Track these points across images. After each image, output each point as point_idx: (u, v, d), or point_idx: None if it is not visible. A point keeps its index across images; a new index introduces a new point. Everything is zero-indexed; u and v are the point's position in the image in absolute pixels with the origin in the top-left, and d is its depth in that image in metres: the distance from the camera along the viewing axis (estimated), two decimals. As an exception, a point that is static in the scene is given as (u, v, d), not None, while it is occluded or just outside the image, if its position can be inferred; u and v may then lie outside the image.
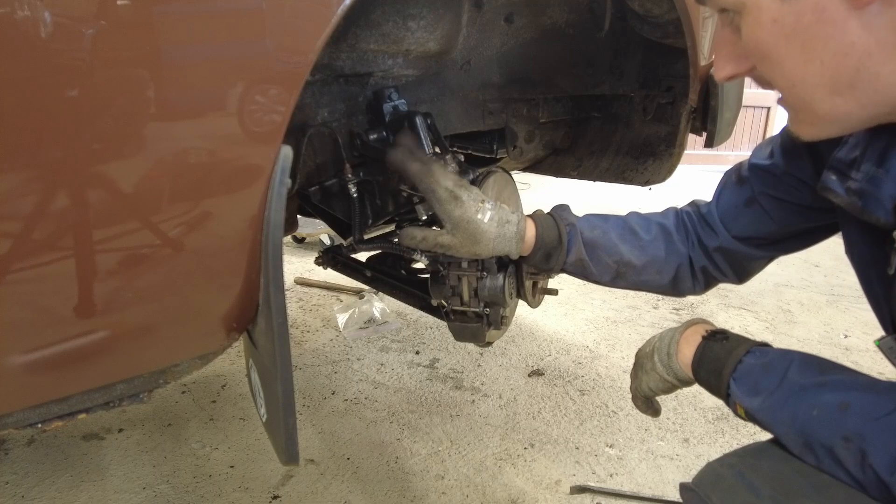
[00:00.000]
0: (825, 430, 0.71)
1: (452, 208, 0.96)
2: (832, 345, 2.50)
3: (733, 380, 0.82)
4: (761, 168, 0.96)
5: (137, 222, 0.68)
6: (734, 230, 1.00)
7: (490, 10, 1.31)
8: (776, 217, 0.95)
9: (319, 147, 1.22)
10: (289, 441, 0.82)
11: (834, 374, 0.77)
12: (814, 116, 0.67)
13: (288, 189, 0.76)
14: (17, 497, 1.53)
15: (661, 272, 1.05)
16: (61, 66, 0.58)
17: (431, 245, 0.99)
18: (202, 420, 1.89)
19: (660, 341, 0.97)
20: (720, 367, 0.85)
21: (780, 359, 0.80)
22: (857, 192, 0.71)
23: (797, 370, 0.77)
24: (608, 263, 1.04)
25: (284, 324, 0.77)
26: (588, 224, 1.05)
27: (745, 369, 0.82)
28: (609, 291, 2.99)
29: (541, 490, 1.61)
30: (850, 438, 0.68)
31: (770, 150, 0.95)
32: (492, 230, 0.97)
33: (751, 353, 0.83)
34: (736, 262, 1.03)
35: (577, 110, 1.67)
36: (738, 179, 1.00)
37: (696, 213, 1.06)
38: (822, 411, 0.72)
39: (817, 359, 0.80)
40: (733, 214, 1.00)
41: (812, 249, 1.00)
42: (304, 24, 0.71)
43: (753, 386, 0.80)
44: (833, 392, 0.73)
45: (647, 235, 1.04)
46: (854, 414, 0.69)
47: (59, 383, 0.75)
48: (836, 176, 0.75)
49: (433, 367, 2.24)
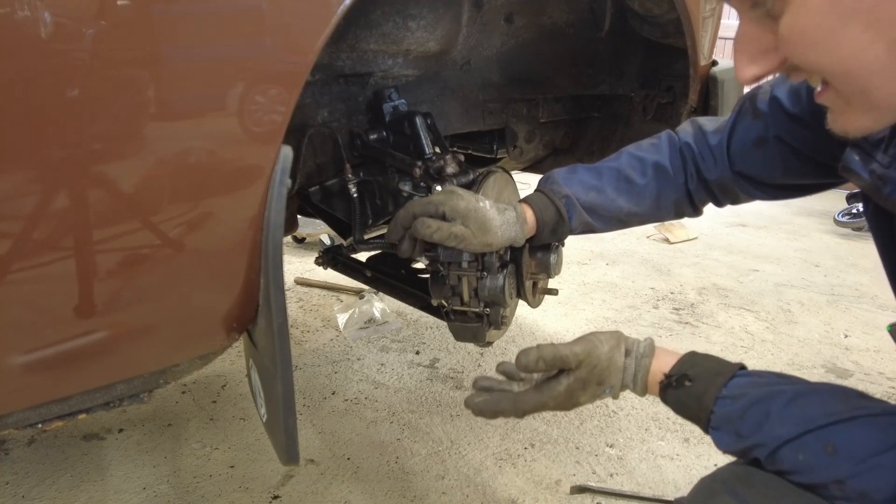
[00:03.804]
0: (814, 473, 0.70)
1: (456, 202, 0.97)
2: (832, 345, 2.50)
3: (713, 429, 0.79)
4: (784, 110, 0.90)
5: (137, 222, 0.68)
6: (738, 166, 0.98)
7: (490, 9, 1.31)
8: (786, 164, 0.92)
9: (319, 147, 1.22)
10: (289, 441, 0.82)
11: (813, 410, 0.73)
12: (870, 105, 0.59)
13: (288, 189, 0.76)
14: (18, 497, 1.53)
15: (660, 210, 1.06)
16: (61, 66, 0.58)
17: (446, 235, 0.96)
18: (202, 420, 1.89)
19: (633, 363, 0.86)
20: (693, 417, 0.81)
21: (756, 406, 0.75)
22: (880, 176, 0.68)
23: (777, 420, 0.73)
24: (610, 217, 1.05)
25: (284, 324, 0.77)
26: (582, 186, 1.04)
27: (721, 419, 0.78)
28: (609, 291, 2.99)
29: (541, 490, 1.61)
30: (843, 481, 0.68)
31: (798, 93, 0.88)
32: (496, 216, 0.98)
33: (720, 401, 0.78)
34: (731, 193, 1.04)
35: (577, 110, 1.67)
36: (754, 112, 0.95)
37: (700, 143, 1.02)
38: (808, 457, 0.70)
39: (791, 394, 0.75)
40: (741, 152, 0.97)
41: (812, 249, 1.01)
42: (304, 24, 0.71)
43: (735, 434, 0.77)
44: (816, 436, 0.70)
45: (643, 179, 1.03)
46: (843, 458, 0.68)
47: (59, 383, 0.75)
48: (858, 156, 0.72)
49: (433, 367, 2.24)
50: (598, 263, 3.40)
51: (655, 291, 3.02)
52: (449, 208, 0.97)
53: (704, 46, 1.36)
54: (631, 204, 1.04)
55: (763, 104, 0.93)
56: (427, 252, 1.07)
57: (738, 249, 3.69)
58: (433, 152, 1.17)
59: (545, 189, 1.06)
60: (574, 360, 0.85)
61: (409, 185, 1.17)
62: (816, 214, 4.65)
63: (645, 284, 3.11)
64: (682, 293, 3.01)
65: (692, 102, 1.41)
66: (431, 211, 0.98)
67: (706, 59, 1.41)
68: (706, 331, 2.59)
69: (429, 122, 1.19)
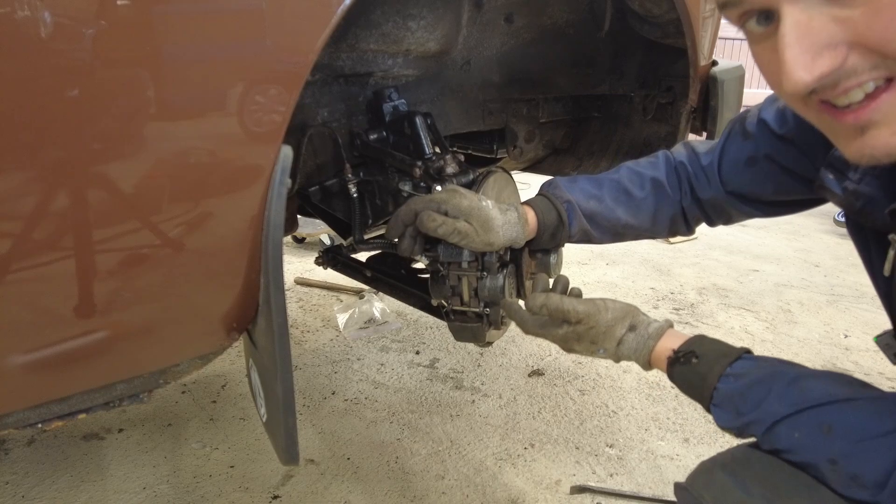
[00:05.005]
0: (809, 452, 0.71)
1: (459, 200, 0.98)
2: (832, 345, 2.50)
3: (714, 406, 0.81)
4: (772, 131, 0.92)
5: (137, 222, 0.68)
6: (730, 185, 1.00)
7: (490, 10, 1.31)
8: (776, 182, 0.94)
9: (319, 147, 1.22)
10: (289, 441, 0.82)
11: (813, 391, 0.74)
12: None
13: (288, 189, 0.76)
14: (17, 497, 1.53)
15: (656, 225, 1.08)
16: (61, 66, 0.58)
17: (450, 230, 0.97)
18: (202, 420, 1.89)
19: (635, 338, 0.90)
20: (697, 394, 0.83)
21: (759, 385, 0.77)
22: (853, 191, 0.71)
23: (776, 398, 0.74)
24: (608, 228, 1.07)
25: (284, 324, 0.77)
26: (583, 194, 1.06)
27: (723, 396, 0.80)
28: (609, 291, 2.99)
29: (541, 490, 1.61)
30: (837, 461, 0.68)
31: (784, 114, 0.90)
32: (498, 216, 0.99)
33: (724, 379, 0.80)
34: (724, 212, 1.06)
35: (577, 110, 1.67)
36: (744, 133, 0.97)
37: (694, 163, 1.05)
38: (804, 434, 0.71)
39: (794, 375, 0.77)
40: (733, 171, 0.99)
41: (812, 249, 1.01)
42: (304, 25, 0.71)
43: (734, 411, 0.78)
44: (813, 414, 0.71)
45: (641, 192, 1.05)
46: (838, 437, 0.69)
47: (59, 383, 0.75)
48: (833, 174, 0.74)
49: (433, 367, 2.24)
50: (598, 263, 3.40)
51: (655, 291, 3.02)
52: (452, 206, 0.98)
53: (704, 46, 1.36)
54: (629, 216, 1.06)
55: (752, 126, 0.96)
56: (427, 251, 1.07)
57: (738, 249, 3.69)
58: (433, 152, 1.17)
59: (547, 193, 1.08)
60: (574, 316, 0.90)
61: (409, 185, 1.17)
62: (816, 214, 4.64)
63: (645, 284, 3.11)
64: (682, 293, 3.01)
65: (692, 102, 1.41)
66: (434, 208, 0.99)
67: (706, 59, 1.41)
68: (706, 331, 2.59)
69: (429, 122, 1.19)
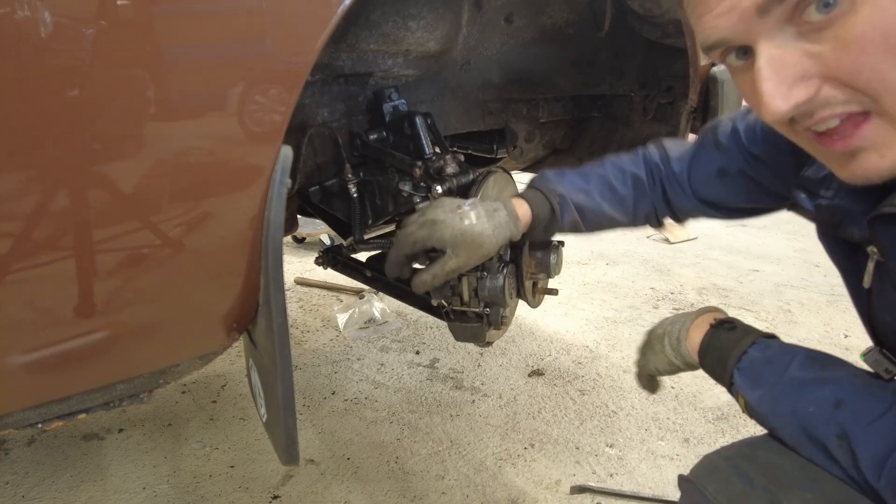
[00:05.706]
0: (820, 426, 0.72)
1: (440, 233, 0.95)
2: (832, 345, 2.50)
3: (737, 370, 0.83)
4: (743, 147, 0.95)
5: (138, 222, 0.68)
6: (700, 193, 1.03)
7: (490, 10, 1.31)
8: (748, 194, 0.96)
9: (319, 147, 1.22)
10: (289, 441, 0.82)
11: (835, 370, 0.76)
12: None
13: (288, 189, 0.76)
14: (17, 497, 1.53)
15: (634, 220, 1.11)
16: (61, 66, 0.58)
17: (445, 276, 0.98)
18: (202, 420, 1.89)
19: (672, 325, 0.98)
20: (725, 357, 0.85)
21: (784, 353, 0.80)
22: (829, 207, 0.72)
23: (799, 366, 0.77)
24: (594, 220, 1.10)
25: (284, 324, 0.77)
26: (573, 188, 1.08)
27: (749, 361, 0.82)
28: (609, 291, 2.99)
29: (541, 490, 1.61)
30: (844, 437, 0.69)
31: (753, 131, 0.93)
32: (485, 226, 0.96)
33: (756, 345, 0.83)
34: (691, 213, 1.09)
35: (577, 110, 1.67)
36: (716, 144, 0.99)
37: (666, 167, 1.07)
38: (818, 407, 0.73)
39: (821, 354, 0.80)
40: (703, 180, 1.02)
41: (813, 249, 1.02)
42: (304, 24, 0.71)
43: (756, 378, 0.80)
44: (830, 389, 0.73)
45: (624, 189, 1.08)
46: (847, 413, 0.70)
47: (59, 383, 0.75)
48: (805, 194, 0.76)
49: (433, 367, 2.24)
50: (598, 263, 3.40)
51: (655, 291, 3.02)
52: (435, 241, 0.95)
53: (704, 46, 1.35)
54: (613, 210, 1.09)
55: (724, 137, 0.98)
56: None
57: (738, 249, 3.69)
58: (433, 152, 1.17)
59: (540, 186, 1.08)
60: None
61: (409, 185, 1.17)
62: (816, 214, 4.64)
63: (645, 284, 3.11)
64: (682, 293, 3.01)
65: (692, 102, 1.41)
66: (419, 249, 0.98)
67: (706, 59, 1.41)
68: (706, 331, 2.59)
69: (429, 122, 1.19)
